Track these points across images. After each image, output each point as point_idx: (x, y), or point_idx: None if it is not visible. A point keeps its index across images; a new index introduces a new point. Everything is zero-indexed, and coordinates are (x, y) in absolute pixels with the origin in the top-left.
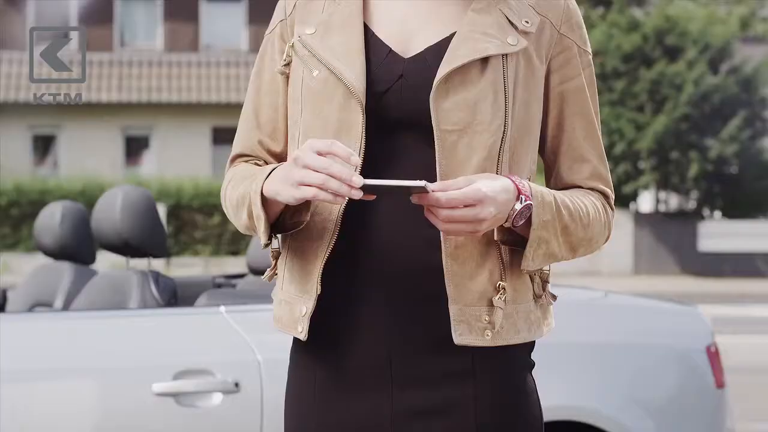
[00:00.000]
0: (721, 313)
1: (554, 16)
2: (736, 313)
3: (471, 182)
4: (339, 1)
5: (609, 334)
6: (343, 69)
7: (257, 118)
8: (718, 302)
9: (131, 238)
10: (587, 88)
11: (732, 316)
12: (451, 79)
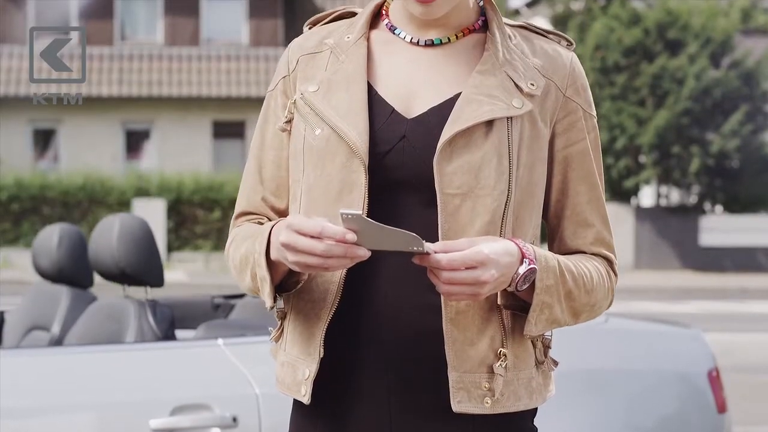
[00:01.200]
0: (722, 309)
1: (560, 79)
2: (737, 309)
3: (473, 244)
4: (342, 59)
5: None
6: (346, 128)
7: (260, 174)
8: (718, 298)
9: (128, 267)
10: (592, 152)
11: (733, 313)
12: (455, 142)
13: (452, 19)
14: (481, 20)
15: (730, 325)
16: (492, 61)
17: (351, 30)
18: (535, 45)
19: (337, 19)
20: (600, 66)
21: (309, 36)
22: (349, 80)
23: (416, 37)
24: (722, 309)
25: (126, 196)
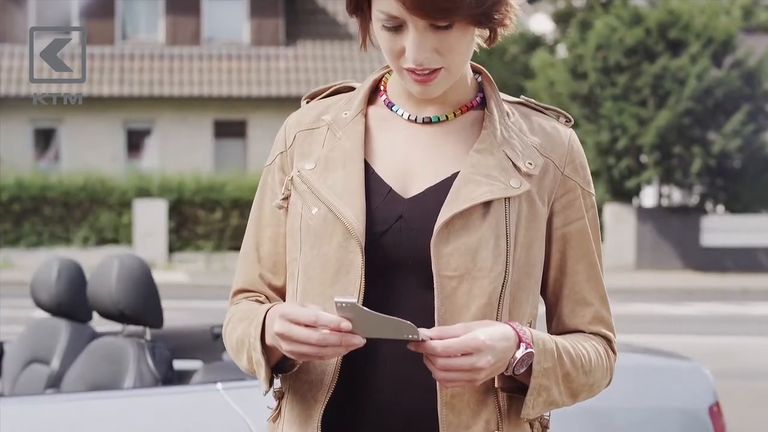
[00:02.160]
0: (723, 311)
1: (558, 157)
2: (739, 311)
3: (469, 329)
4: (340, 136)
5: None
6: (343, 208)
7: (258, 251)
8: (720, 299)
9: (127, 308)
10: (590, 230)
11: (734, 315)
12: (452, 224)
13: (450, 97)
14: (479, 97)
15: (731, 328)
16: (490, 140)
17: (349, 106)
18: (533, 122)
19: (334, 93)
20: (601, 66)
21: (306, 111)
22: (347, 158)
23: (414, 114)
24: (723, 311)
25: (127, 197)
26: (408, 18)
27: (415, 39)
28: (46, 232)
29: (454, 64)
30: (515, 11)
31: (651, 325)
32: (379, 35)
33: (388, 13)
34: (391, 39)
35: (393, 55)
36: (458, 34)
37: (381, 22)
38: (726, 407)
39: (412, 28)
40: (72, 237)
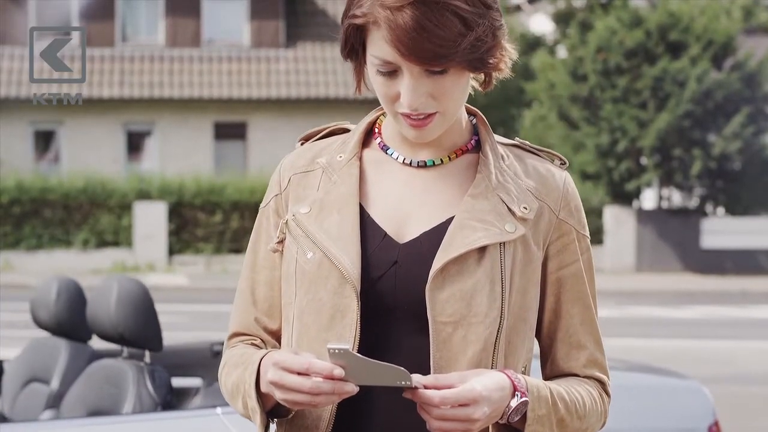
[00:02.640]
0: (724, 315)
1: (553, 201)
2: (739, 314)
3: (464, 379)
4: (335, 179)
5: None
6: (338, 253)
7: (253, 294)
8: (720, 302)
9: (126, 331)
10: (585, 272)
11: (735, 319)
12: (447, 270)
13: (445, 140)
14: (474, 140)
15: (732, 332)
16: (485, 184)
17: (343, 149)
18: (527, 165)
19: (329, 134)
20: (602, 68)
21: (301, 153)
22: (342, 202)
23: (409, 157)
24: (723, 314)
25: (127, 199)
26: (403, 63)
27: (410, 84)
28: (46, 235)
29: (449, 109)
30: (510, 54)
31: (651, 329)
32: (374, 80)
33: (382, 59)
34: (386, 84)
35: (388, 99)
36: (453, 79)
37: (375, 67)
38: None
39: (407, 73)
40: (72, 239)
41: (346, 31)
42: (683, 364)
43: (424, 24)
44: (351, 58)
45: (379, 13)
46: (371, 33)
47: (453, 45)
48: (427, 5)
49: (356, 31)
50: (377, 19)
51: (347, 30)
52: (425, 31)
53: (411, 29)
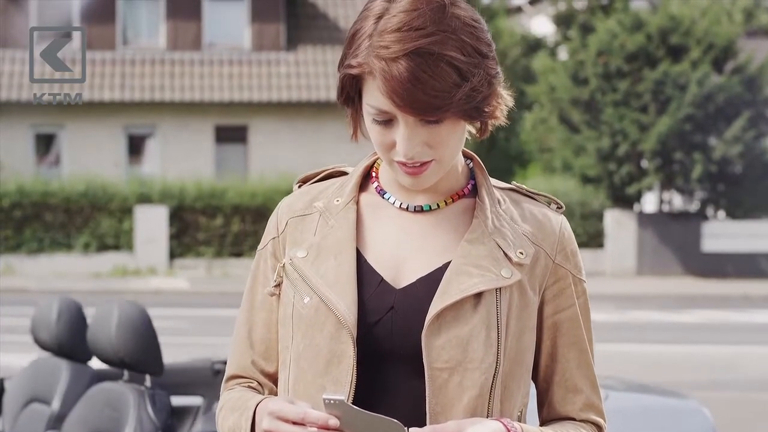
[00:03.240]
0: (725, 319)
1: (549, 246)
2: (740, 319)
3: (461, 428)
4: (332, 224)
5: None
6: (334, 299)
7: (250, 337)
8: (721, 307)
9: (127, 356)
10: (581, 316)
11: (736, 323)
12: (443, 316)
13: (441, 185)
14: (470, 184)
15: (733, 337)
16: (481, 229)
17: (341, 192)
18: (524, 209)
19: (326, 177)
20: (602, 71)
21: (299, 196)
22: (339, 247)
23: (405, 202)
24: (724, 319)
25: (128, 203)
26: (398, 114)
27: (406, 134)
28: (47, 239)
29: (444, 157)
30: (506, 101)
31: (651, 334)
32: (370, 128)
33: (378, 108)
34: (382, 132)
35: (384, 147)
36: (449, 128)
37: (371, 116)
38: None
39: (403, 123)
40: (73, 243)
41: (342, 80)
42: (683, 370)
43: (419, 75)
44: (347, 105)
45: (374, 63)
46: (367, 82)
47: (448, 96)
48: (422, 56)
49: (352, 80)
50: (372, 70)
51: (343, 79)
52: (420, 83)
53: (406, 80)
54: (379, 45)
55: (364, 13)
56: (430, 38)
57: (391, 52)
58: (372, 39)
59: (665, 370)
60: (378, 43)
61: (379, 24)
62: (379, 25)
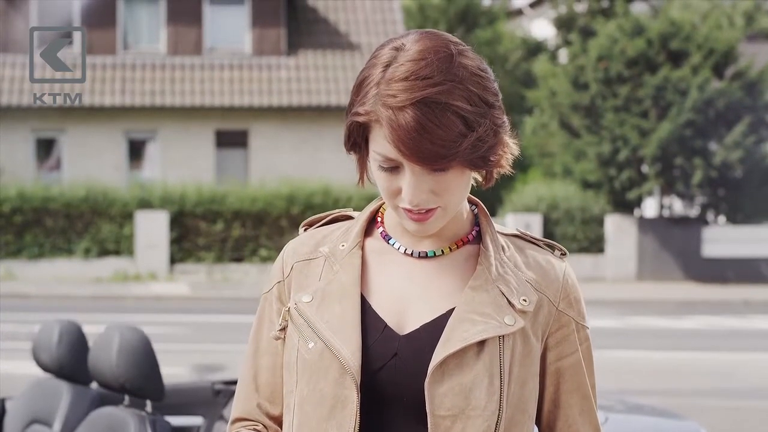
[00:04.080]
0: (725, 325)
1: (553, 293)
2: (740, 325)
3: None
4: (336, 269)
5: None
6: (339, 345)
7: (255, 380)
8: (721, 312)
9: (127, 382)
10: (584, 362)
11: (736, 329)
12: (446, 364)
13: (446, 231)
14: (475, 230)
15: (733, 343)
16: (485, 276)
17: (346, 237)
18: (528, 256)
19: (332, 221)
20: (603, 77)
21: (304, 240)
22: (343, 293)
23: (410, 248)
24: (725, 324)
25: (129, 208)
26: (404, 162)
27: (412, 182)
28: (47, 244)
29: (450, 204)
30: (512, 150)
31: (651, 340)
32: (376, 174)
33: (384, 155)
34: (388, 179)
35: (389, 194)
36: (455, 176)
37: (378, 163)
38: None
39: (409, 171)
40: (74, 248)
41: (349, 127)
42: (684, 377)
43: (425, 125)
44: (354, 151)
45: (381, 112)
46: (373, 130)
47: (454, 146)
48: (429, 106)
49: (359, 127)
50: (380, 118)
51: (350, 126)
52: (427, 132)
53: (412, 129)
54: (386, 93)
55: (372, 60)
56: (437, 88)
57: (398, 101)
58: (379, 87)
59: (665, 377)
60: (385, 91)
61: (387, 72)
62: (386, 73)
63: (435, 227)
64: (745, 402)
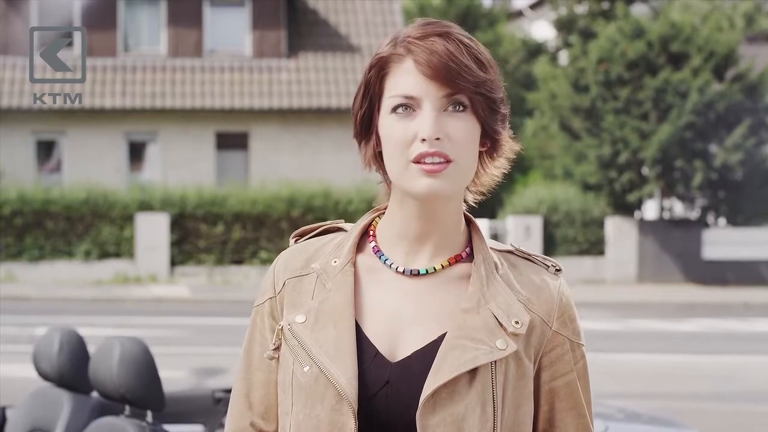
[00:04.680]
0: (725, 328)
1: (546, 313)
2: (741, 328)
3: None
4: (329, 287)
5: None
6: (335, 372)
7: (248, 398)
8: (722, 315)
9: (128, 392)
10: (579, 381)
11: (736, 332)
12: (438, 394)
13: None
14: (468, 248)
15: (733, 346)
16: (477, 298)
17: (338, 253)
18: (522, 273)
19: (323, 232)
20: (603, 79)
21: (295, 253)
22: (337, 315)
23: (402, 265)
24: (725, 327)
25: (129, 210)
26: (425, 93)
27: (432, 116)
28: (48, 246)
29: (461, 161)
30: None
31: (651, 343)
32: (391, 128)
33: (404, 94)
34: (403, 126)
35: (403, 144)
36: (468, 128)
37: (394, 106)
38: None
39: (429, 105)
40: (74, 251)
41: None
42: (684, 380)
43: (450, 49)
44: (362, 134)
45: (405, 45)
46: (392, 72)
47: (473, 76)
48: (451, 39)
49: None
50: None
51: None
52: (452, 55)
53: (440, 51)
54: (408, 33)
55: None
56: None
57: (423, 32)
58: (397, 40)
59: (665, 380)
60: (406, 34)
61: (400, 34)
62: (400, 34)
63: (445, 187)
64: (745, 405)
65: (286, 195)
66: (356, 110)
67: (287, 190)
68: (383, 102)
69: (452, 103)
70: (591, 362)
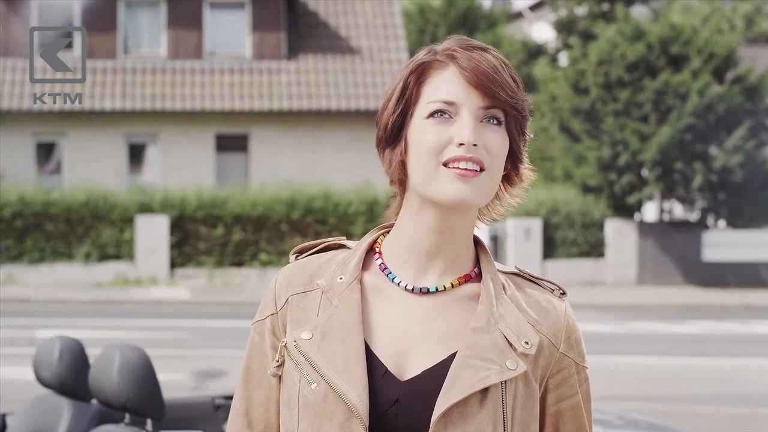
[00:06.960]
0: (725, 330)
1: (553, 335)
2: (740, 330)
3: None
4: (336, 304)
5: None
6: (345, 388)
7: (248, 416)
8: (721, 317)
9: (128, 401)
10: (583, 403)
11: (736, 334)
12: (449, 413)
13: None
14: (477, 268)
15: (733, 349)
16: (486, 317)
17: (344, 270)
18: (528, 295)
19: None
20: (603, 81)
21: (297, 270)
22: (345, 331)
23: (411, 283)
24: (726, 330)
25: (129, 213)
26: (464, 101)
27: (470, 123)
28: (48, 248)
29: (493, 172)
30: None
31: (651, 345)
32: (424, 132)
33: (443, 99)
34: (438, 131)
35: (436, 148)
36: (501, 141)
37: (431, 111)
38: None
39: (467, 113)
40: (74, 253)
41: (403, 84)
42: (683, 383)
43: (494, 63)
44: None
45: (450, 52)
46: (431, 78)
47: (512, 92)
48: (489, 55)
49: (415, 82)
50: (452, 55)
51: (404, 82)
52: (495, 68)
53: (484, 63)
54: (447, 46)
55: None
56: (491, 47)
57: (465, 45)
58: (434, 51)
59: (665, 383)
60: (446, 47)
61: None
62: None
63: (474, 197)
64: (745, 408)
65: (286, 197)
66: (388, 115)
67: (287, 192)
68: (418, 108)
69: (488, 116)
70: (591, 363)
